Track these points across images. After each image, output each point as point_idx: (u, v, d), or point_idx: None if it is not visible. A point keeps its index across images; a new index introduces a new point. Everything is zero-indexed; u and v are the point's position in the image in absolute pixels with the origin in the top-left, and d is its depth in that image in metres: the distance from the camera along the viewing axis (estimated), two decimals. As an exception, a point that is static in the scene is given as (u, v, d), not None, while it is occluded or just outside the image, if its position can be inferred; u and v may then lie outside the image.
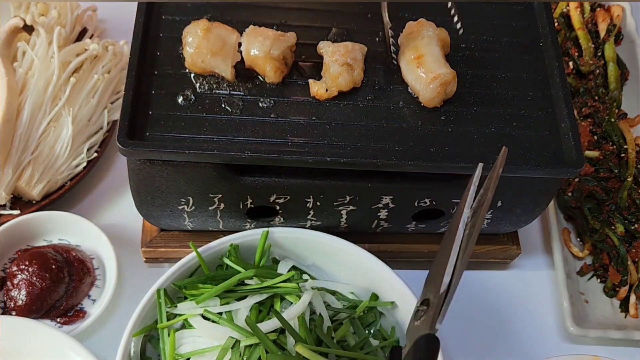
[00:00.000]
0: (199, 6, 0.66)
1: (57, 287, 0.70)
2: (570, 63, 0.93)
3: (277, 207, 0.66)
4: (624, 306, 0.79)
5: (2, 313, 0.70)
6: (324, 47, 0.62)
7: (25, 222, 0.74)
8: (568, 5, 0.96)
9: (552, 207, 0.81)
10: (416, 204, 0.67)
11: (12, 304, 0.69)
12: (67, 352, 0.64)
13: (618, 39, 0.96)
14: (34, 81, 0.78)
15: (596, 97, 0.90)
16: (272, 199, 0.65)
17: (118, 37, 0.89)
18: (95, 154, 0.80)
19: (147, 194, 0.64)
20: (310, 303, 0.63)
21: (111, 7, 0.95)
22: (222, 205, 0.65)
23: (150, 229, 0.74)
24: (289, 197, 0.65)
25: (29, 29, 0.80)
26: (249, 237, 0.67)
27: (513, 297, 0.80)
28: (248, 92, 0.62)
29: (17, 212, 0.75)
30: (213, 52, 0.60)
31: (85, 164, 0.79)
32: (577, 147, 0.62)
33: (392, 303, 0.67)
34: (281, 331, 0.61)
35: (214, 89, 0.62)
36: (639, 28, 0.96)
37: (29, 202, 0.77)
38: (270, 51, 0.60)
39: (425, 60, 0.62)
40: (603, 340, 0.76)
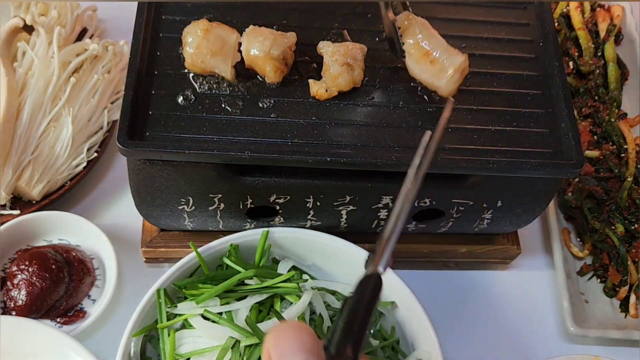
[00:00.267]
0: (199, 6, 0.66)
1: (57, 287, 0.70)
2: (570, 63, 0.93)
3: (277, 207, 0.66)
4: (624, 306, 0.79)
5: (2, 313, 0.70)
6: (324, 47, 0.62)
7: (25, 222, 0.74)
8: (568, 5, 0.96)
9: (552, 207, 0.81)
10: (416, 204, 0.67)
11: (12, 304, 0.69)
12: (67, 352, 0.64)
13: (618, 39, 0.96)
14: (34, 81, 0.78)
15: (596, 97, 0.90)
16: (272, 199, 0.65)
17: (118, 37, 0.89)
18: (95, 154, 0.80)
19: (147, 194, 0.64)
20: (310, 303, 0.63)
21: (111, 7, 0.94)
22: (222, 205, 0.65)
23: (150, 229, 0.74)
24: (289, 197, 0.65)
25: (29, 29, 0.80)
26: (249, 237, 0.67)
27: (513, 297, 0.80)
28: (248, 92, 0.62)
29: (17, 212, 0.75)
30: (213, 52, 0.60)
31: (85, 164, 0.79)
32: (577, 147, 0.62)
33: (392, 303, 0.67)
34: (281, 331, 0.61)
35: (214, 89, 0.62)
36: (639, 28, 0.96)
37: (29, 202, 0.77)
38: (270, 51, 0.60)
39: (434, 54, 0.62)
40: (603, 340, 0.76)
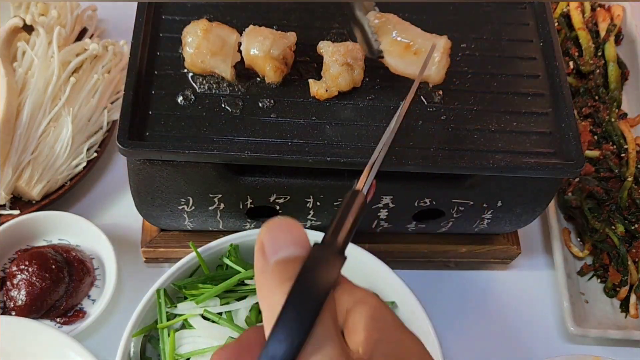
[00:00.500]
0: (199, 6, 0.66)
1: (57, 287, 0.70)
2: (570, 63, 0.92)
3: (277, 207, 0.66)
4: (624, 306, 0.79)
5: (2, 313, 0.70)
6: (324, 47, 0.62)
7: (25, 222, 0.74)
8: (568, 5, 0.96)
9: (552, 207, 0.81)
10: (416, 204, 0.67)
11: (12, 304, 0.69)
12: (67, 352, 0.64)
13: (618, 39, 0.96)
14: (34, 81, 0.77)
15: (596, 97, 0.90)
16: (272, 199, 0.65)
17: (118, 37, 0.89)
18: (95, 154, 0.80)
19: (147, 194, 0.64)
20: (310, 303, 0.63)
21: (111, 7, 0.94)
22: (222, 205, 0.65)
23: (150, 229, 0.74)
24: (289, 197, 0.65)
25: (29, 29, 0.79)
26: (249, 237, 0.67)
27: (513, 297, 0.80)
28: (248, 92, 0.62)
29: (17, 212, 0.75)
30: (213, 52, 0.60)
31: (85, 164, 0.79)
32: (578, 147, 0.62)
33: (392, 303, 0.67)
34: (281, 331, 0.60)
35: (214, 89, 0.62)
36: (639, 28, 0.96)
37: (29, 202, 0.77)
38: (270, 51, 0.60)
39: (415, 45, 0.61)
40: (603, 340, 0.76)
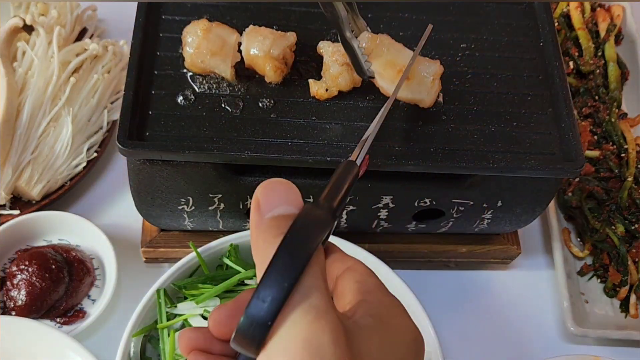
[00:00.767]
0: (199, 6, 0.66)
1: (57, 287, 0.70)
2: (570, 63, 0.92)
3: (277, 207, 0.66)
4: (624, 306, 0.79)
5: (2, 313, 0.70)
6: (324, 47, 0.62)
7: (25, 222, 0.74)
8: (568, 5, 0.96)
9: (553, 207, 0.81)
10: (416, 204, 0.67)
11: (12, 304, 0.69)
12: (67, 352, 0.64)
13: (618, 39, 0.96)
14: (34, 81, 0.77)
15: (596, 97, 0.90)
16: (272, 199, 0.65)
17: (118, 37, 0.89)
18: (95, 154, 0.80)
19: (147, 194, 0.64)
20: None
21: (111, 7, 0.94)
22: (222, 205, 0.65)
23: (150, 229, 0.74)
24: (289, 197, 0.65)
25: (29, 29, 0.79)
26: (249, 237, 0.67)
27: (513, 297, 0.80)
28: (248, 92, 0.62)
29: (17, 212, 0.75)
30: (213, 52, 0.60)
31: (85, 164, 0.79)
32: (578, 147, 0.62)
33: (392, 303, 0.67)
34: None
35: (214, 89, 0.62)
36: (639, 28, 0.96)
37: (29, 202, 0.77)
38: (270, 51, 0.60)
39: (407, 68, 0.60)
40: (603, 340, 0.76)
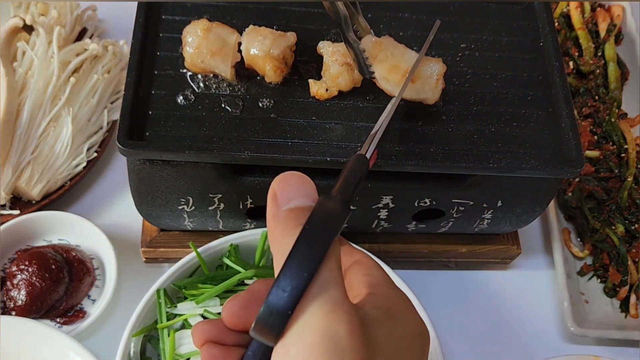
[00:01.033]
0: (199, 6, 0.66)
1: (57, 287, 0.70)
2: (570, 63, 0.92)
3: (277, 207, 0.66)
4: (624, 306, 0.79)
5: (2, 313, 0.70)
6: (324, 47, 0.62)
7: (25, 222, 0.74)
8: (568, 5, 0.96)
9: (553, 207, 0.81)
10: (416, 204, 0.67)
11: (12, 304, 0.69)
12: (67, 352, 0.64)
13: (618, 39, 0.96)
14: (34, 81, 0.77)
15: (596, 97, 0.90)
16: (272, 199, 0.65)
17: (118, 37, 0.89)
18: (95, 154, 0.80)
19: (147, 194, 0.64)
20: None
21: (111, 7, 0.94)
22: (222, 205, 0.65)
23: (150, 229, 0.74)
24: (289, 197, 0.65)
25: (29, 29, 0.79)
26: (249, 237, 0.67)
27: (513, 297, 0.80)
28: (248, 92, 0.62)
29: (17, 212, 0.75)
30: (213, 52, 0.60)
31: (85, 164, 0.79)
32: (578, 147, 0.62)
33: (392, 303, 0.67)
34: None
35: (214, 89, 0.62)
36: (639, 28, 0.96)
37: (29, 202, 0.77)
38: (270, 50, 0.60)
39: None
40: (603, 340, 0.76)
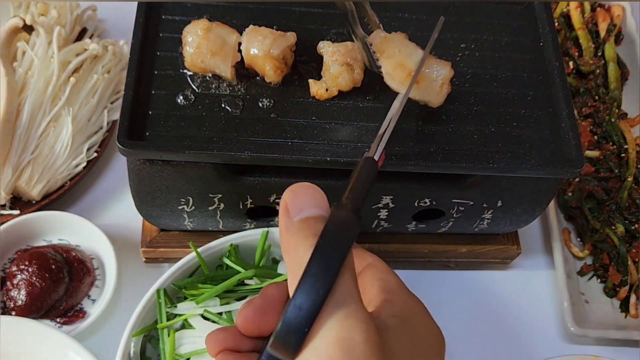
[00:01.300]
0: (199, 6, 0.66)
1: (57, 287, 0.70)
2: (570, 63, 0.92)
3: (277, 207, 0.66)
4: (624, 306, 0.79)
5: (2, 313, 0.70)
6: (324, 47, 0.62)
7: (25, 222, 0.74)
8: (568, 5, 0.96)
9: (553, 207, 0.81)
10: (416, 204, 0.67)
11: (12, 304, 0.69)
12: (67, 352, 0.64)
13: (618, 39, 0.96)
14: (34, 81, 0.77)
15: (596, 97, 0.90)
16: (272, 199, 0.65)
17: (118, 37, 0.89)
18: (95, 154, 0.80)
19: (147, 194, 0.64)
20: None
21: (111, 7, 0.94)
22: (222, 205, 0.65)
23: (150, 229, 0.74)
24: (289, 197, 0.65)
25: (29, 29, 0.79)
26: (249, 237, 0.67)
27: (513, 297, 0.80)
28: (248, 92, 0.62)
29: (17, 212, 0.75)
30: (213, 52, 0.60)
31: (85, 164, 0.79)
32: (578, 147, 0.62)
33: (392, 303, 0.67)
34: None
35: (214, 89, 0.62)
36: (639, 28, 0.96)
37: (29, 202, 0.77)
38: (270, 50, 0.60)
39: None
40: (603, 340, 0.76)
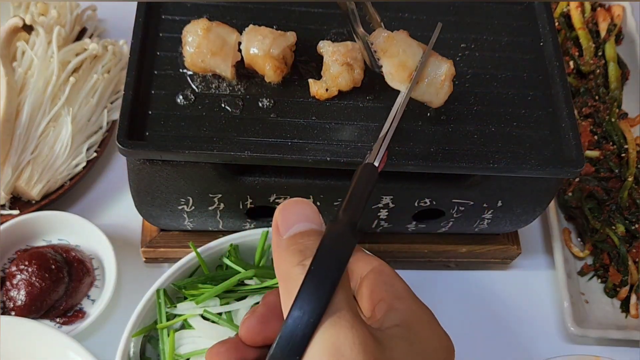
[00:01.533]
0: (199, 6, 0.66)
1: (57, 287, 0.70)
2: (570, 63, 0.92)
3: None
4: (625, 306, 0.79)
5: (2, 313, 0.70)
6: (324, 47, 0.62)
7: (24, 222, 0.74)
8: (568, 5, 0.96)
9: (553, 207, 0.81)
10: (416, 204, 0.67)
11: (12, 304, 0.69)
12: (67, 352, 0.64)
13: (619, 39, 0.96)
14: (34, 81, 0.77)
15: (597, 97, 0.90)
16: (272, 199, 0.65)
17: (118, 37, 0.89)
18: (94, 154, 0.80)
19: (147, 194, 0.64)
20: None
21: (111, 7, 0.94)
22: (222, 205, 0.65)
23: (150, 229, 0.74)
24: (289, 197, 0.65)
25: (29, 29, 0.79)
26: (249, 237, 0.67)
27: (513, 297, 0.80)
28: (248, 92, 0.62)
29: (17, 212, 0.75)
30: (213, 52, 0.60)
31: (84, 164, 0.79)
32: (578, 147, 0.62)
33: (392, 303, 0.66)
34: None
35: (214, 89, 0.62)
36: (639, 28, 0.96)
37: (29, 202, 0.77)
38: (270, 50, 0.60)
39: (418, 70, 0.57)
40: (603, 340, 0.76)
